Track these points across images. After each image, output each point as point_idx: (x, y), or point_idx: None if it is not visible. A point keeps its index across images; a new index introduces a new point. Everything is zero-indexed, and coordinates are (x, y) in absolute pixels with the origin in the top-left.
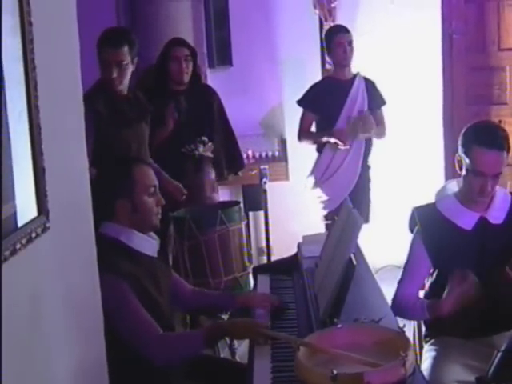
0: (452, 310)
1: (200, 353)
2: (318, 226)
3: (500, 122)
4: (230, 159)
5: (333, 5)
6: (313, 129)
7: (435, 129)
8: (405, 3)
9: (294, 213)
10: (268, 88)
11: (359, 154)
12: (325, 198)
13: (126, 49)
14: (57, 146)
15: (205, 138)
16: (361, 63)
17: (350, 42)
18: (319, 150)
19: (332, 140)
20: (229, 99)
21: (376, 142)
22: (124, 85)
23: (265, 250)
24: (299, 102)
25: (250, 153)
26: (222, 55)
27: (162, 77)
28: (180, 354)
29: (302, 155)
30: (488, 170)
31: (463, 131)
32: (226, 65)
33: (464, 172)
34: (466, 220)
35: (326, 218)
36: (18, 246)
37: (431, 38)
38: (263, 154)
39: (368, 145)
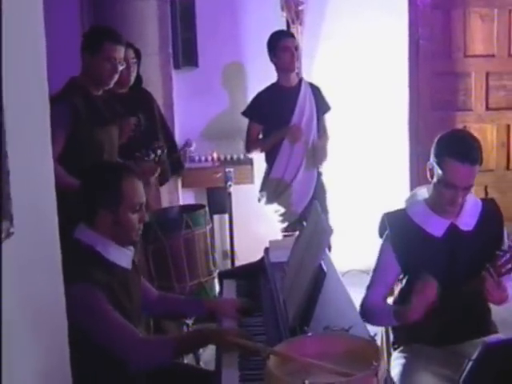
0: (418, 316)
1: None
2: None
3: (465, 127)
4: (172, 162)
5: (300, 7)
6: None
7: (401, 134)
8: (372, 8)
9: (259, 216)
10: (233, 90)
11: (313, 169)
12: (282, 210)
13: (123, 49)
14: (21, 147)
15: (157, 144)
16: (327, 67)
17: (297, 47)
18: (268, 160)
19: (287, 138)
20: (193, 100)
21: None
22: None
23: (229, 253)
24: (244, 113)
25: (214, 155)
26: (188, 56)
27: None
28: (158, 359)
29: None
30: (460, 183)
31: (436, 140)
32: (191, 66)
33: (435, 180)
34: (437, 227)
35: (286, 230)
36: None
37: (398, 44)
38: (228, 157)
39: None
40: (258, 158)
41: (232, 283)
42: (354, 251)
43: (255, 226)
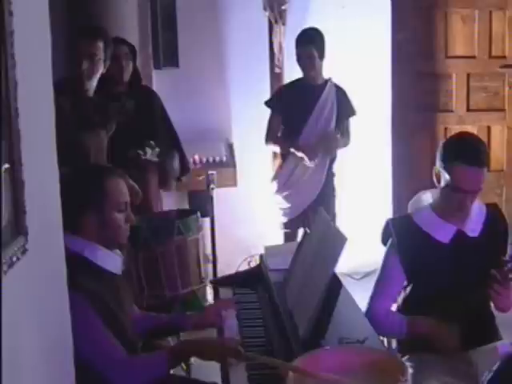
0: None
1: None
2: (266, 234)
3: (446, 129)
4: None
5: (283, 7)
6: None
7: (384, 134)
8: (355, 9)
9: (241, 220)
10: (215, 91)
11: (325, 163)
12: (285, 205)
13: (101, 44)
14: (35, 155)
15: (152, 142)
16: None
17: (310, 55)
18: (283, 156)
19: (299, 154)
20: (175, 102)
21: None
22: (91, 83)
23: (210, 257)
24: (267, 103)
25: (196, 158)
26: (169, 56)
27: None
28: (144, 379)
29: (250, 160)
30: (468, 187)
31: (442, 144)
32: (172, 66)
33: (442, 185)
34: (443, 233)
35: (286, 225)
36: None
37: (381, 44)
38: (210, 159)
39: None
40: (241, 161)
41: (228, 292)
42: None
43: (237, 229)
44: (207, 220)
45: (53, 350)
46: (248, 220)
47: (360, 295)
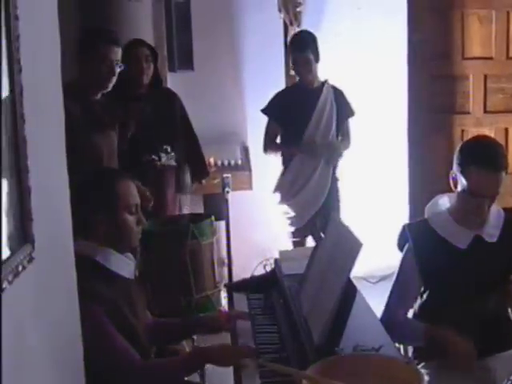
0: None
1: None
2: (282, 237)
3: (463, 131)
4: (193, 167)
5: (298, 9)
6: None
7: (400, 137)
8: (372, 10)
9: (257, 223)
10: (230, 94)
11: (328, 170)
12: (291, 214)
13: (119, 50)
14: (42, 162)
15: (167, 147)
16: (325, 69)
17: (307, 60)
18: (285, 163)
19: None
20: (189, 104)
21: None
22: (107, 89)
23: (226, 260)
24: (264, 111)
25: (211, 161)
26: (183, 59)
27: (119, 80)
28: None
29: (266, 164)
30: (486, 191)
31: (459, 148)
32: (187, 69)
33: (459, 189)
34: (461, 239)
35: (294, 235)
36: (5, 284)
37: (397, 46)
38: (225, 162)
39: None
40: (257, 164)
41: (243, 298)
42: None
43: (253, 233)
44: (222, 223)
45: (62, 360)
46: (263, 223)
47: (376, 299)
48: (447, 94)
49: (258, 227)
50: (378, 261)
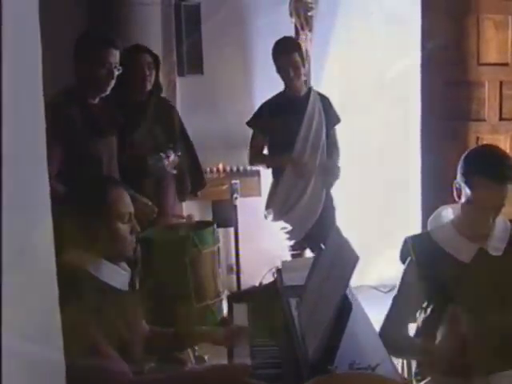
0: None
1: None
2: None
3: (478, 138)
4: (192, 177)
5: (310, 13)
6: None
7: (413, 143)
8: (384, 14)
9: (266, 230)
10: (239, 98)
11: (321, 185)
12: (289, 228)
13: (117, 53)
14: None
15: (170, 150)
16: (338, 74)
17: (296, 62)
18: (275, 174)
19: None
20: (199, 109)
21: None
22: (105, 93)
23: (234, 268)
24: (249, 123)
25: (220, 167)
26: (193, 63)
27: (118, 84)
28: None
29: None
30: (490, 203)
31: (464, 157)
32: (196, 73)
33: (463, 201)
34: (464, 252)
35: (293, 248)
36: None
37: (411, 51)
38: (234, 168)
39: None
40: (266, 170)
41: (243, 308)
42: (365, 266)
43: (262, 240)
44: (231, 230)
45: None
46: (272, 230)
47: (387, 308)
48: (462, 101)
49: (267, 234)
50: (389, 270)
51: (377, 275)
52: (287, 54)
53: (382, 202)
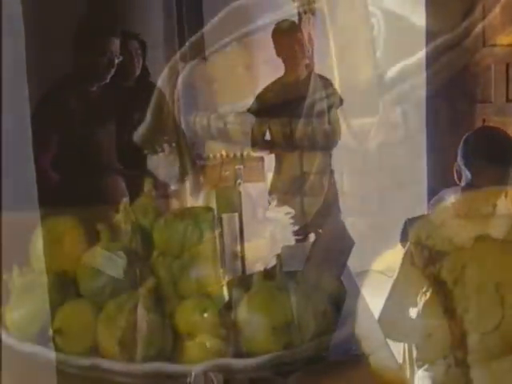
0: None
1: None
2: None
3: (484, 121)
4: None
5: None
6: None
7: (418, 126)
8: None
9: (270, 215)
10: (242, 85)
11: (326, 165)
12: (293, 213)
13: (118, 41)
14: None
15: (167, 138)
16: (341, 59)
17: (299, 41)
18: (278, 159)
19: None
20: (201, 95)
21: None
22: (104, 81)
23: (239, 254)
24: (249, 110)
25: (223, 152)
26: (195, 49)
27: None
28: None
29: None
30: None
31: (464, 138)
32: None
33: (463, 184)
34: (465, 235)
35: (297, 233)
36: None
37: (416, 32)
38: (237, 154)
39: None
40: (269, 155)
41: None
42: (370, 251)
43: (266, 225)
44: (235, 216)
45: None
46: (277, 216)
47: None
48: (468, 83)
49: (272, 219)
50: (395, 254)
51: (383, 260)
52: (289, 34)
53: (387, 187)
